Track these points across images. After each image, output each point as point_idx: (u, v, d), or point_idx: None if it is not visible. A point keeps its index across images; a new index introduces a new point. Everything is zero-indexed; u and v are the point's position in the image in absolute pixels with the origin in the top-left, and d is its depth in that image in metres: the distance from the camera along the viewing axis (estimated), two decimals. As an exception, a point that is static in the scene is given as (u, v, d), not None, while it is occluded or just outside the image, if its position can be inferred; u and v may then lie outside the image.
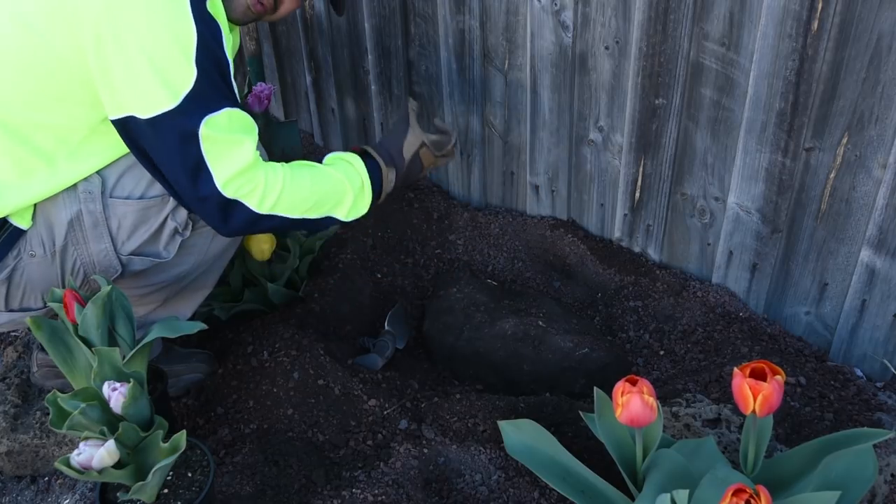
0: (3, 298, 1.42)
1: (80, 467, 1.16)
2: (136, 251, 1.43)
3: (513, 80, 2.00)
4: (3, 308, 1.43)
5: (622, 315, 1.91)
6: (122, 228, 1.40)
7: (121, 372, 1.26)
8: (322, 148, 2.58)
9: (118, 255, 1.41)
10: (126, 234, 1.41)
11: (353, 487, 1.43)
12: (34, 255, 1.38)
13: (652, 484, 1.23)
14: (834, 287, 1.68)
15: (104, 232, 1.39)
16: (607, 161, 1.95)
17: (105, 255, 1.41)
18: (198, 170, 1.30)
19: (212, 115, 1.28)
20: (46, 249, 1.38)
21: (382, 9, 2.13)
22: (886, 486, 1.36)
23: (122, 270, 1.44)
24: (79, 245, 1.39)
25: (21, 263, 1.38)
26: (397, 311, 1.93)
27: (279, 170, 1.39)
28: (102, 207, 1.38)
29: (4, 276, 1.38)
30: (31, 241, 1.37)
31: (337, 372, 1.66)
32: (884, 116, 1.45)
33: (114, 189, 1.38)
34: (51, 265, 1.39)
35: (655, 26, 1.67)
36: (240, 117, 1.34)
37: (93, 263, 1.41)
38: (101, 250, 1.40)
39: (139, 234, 1.41)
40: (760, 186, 1.69)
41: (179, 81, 1.26)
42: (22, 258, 1.38)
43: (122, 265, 1.43)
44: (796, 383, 1.62)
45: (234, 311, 1.81)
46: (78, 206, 1.37)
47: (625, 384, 1.20)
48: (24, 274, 1.39)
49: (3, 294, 1.41)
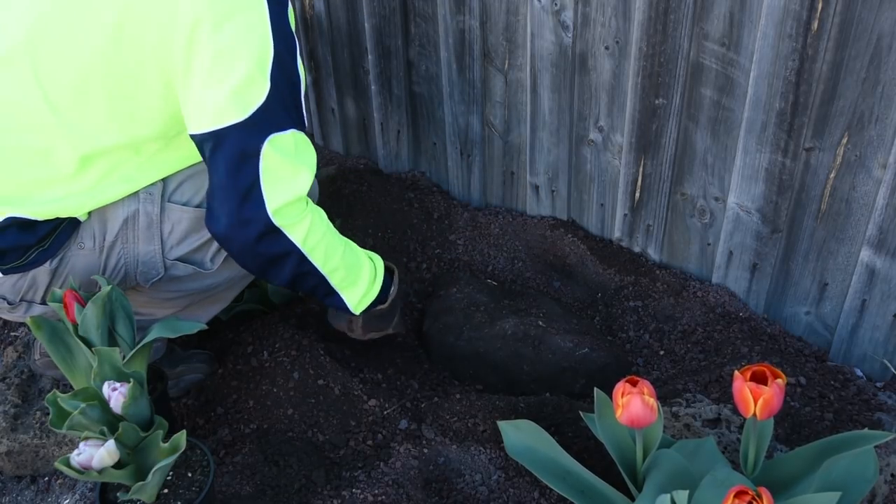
0: (45, 288, 1.41)
1: (80, 467, 1.16)
2: (182, 257, 1.43)
3: (513, 80, 2.00)
4: (39, 300, 1.43)
5: (622, 315, 1.91)
6: (173, 233, 1.40)
7: (121, 372, 1.26)
8: (322, 148, 2.58)
9: (164, 258, 1.42)
10: (176, 240, 1.41)
11: (353, 487, 1.44)
12: (83, 247, 1.38)
13: (652, 484, 1.24)
14: (834, 287, 1.68)
15: (156, 234, 1.40)
16: (607, 161, 1.95)
17: (151, 257, 1.41)
18: (250, 190, 1.25)
19: (278, 135, 1.25)
20: (96, 243, 1.39)
21: (382, 9, 2.13)
22: (887, 486, 1.36)
23: (162, 274, 1.44)
24: (128, 243, 1.40)
25: (69, 254, 1.39)
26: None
27: (322, 213, 1.38)
28: (160, 210, 1.38)
29: (53, 265, 1.38)
30: (83, 233, 1.38)
31: (337, 372, 1.67)
32: (884, 116, 1.45)
33: (173, 194, 1.39)
34: (96, 259, 1.40)
35: (655, 26, 1.67)
36: (305, 143, 1.32)
37: (137, 263, 1.42)
38: (148, 251, 1.41)
39: (189, 241, 1.42)
40: (760, 186, 1.69)
41: (251, 95, 1.23)
42: (71, 248, 1.38)
43: (164, 269, 1.43)
44: (796, 383, 1.62)
45: (234, 311, 1.81)
46: (136, 205, 1.38)
47: (625, 385, 1.20)
48: (70, 264, 1.40)
49: (46, 283, 1.41)
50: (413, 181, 2.34)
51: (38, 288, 1.41)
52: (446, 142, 2.21)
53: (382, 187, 2.25)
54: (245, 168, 1.24)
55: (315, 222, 1.35)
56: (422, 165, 2.37)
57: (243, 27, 1.23)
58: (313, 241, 1.35)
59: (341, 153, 2.53)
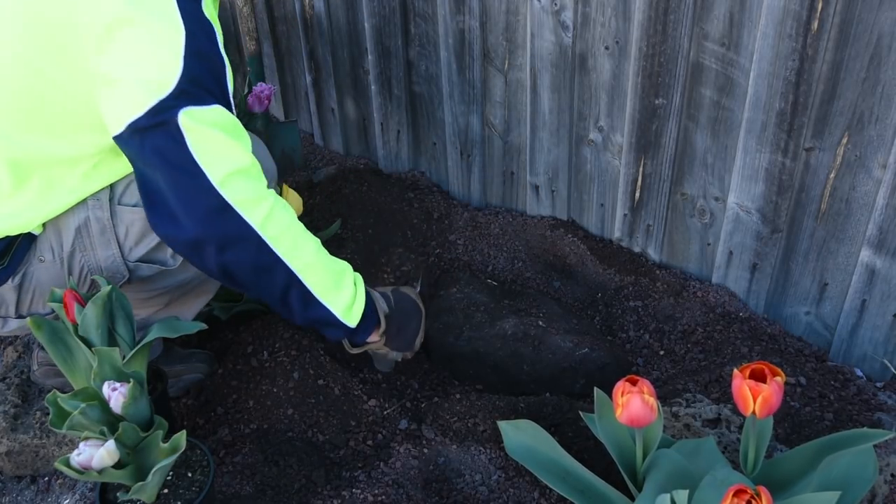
0: (14, 304, 1.42)
1: (80, 467, 1.16)
2: (143, 258, 1.42)
3: (513, 80, 2.00)
4: (13, 314, 1.44)
5: (622, 315, 1.91)
6: (129, 235, 1.40)
7: (121, 372, 1.26)
8: (322, 148, 2.58)
9: (125, 261, 1.41)
10: (133, 241, 1.40)
11: (353, 487, 1.44)
12: (43, 260, 1.39)
13: (652, 484, 1.24)
14: (834, 287, 1.68)
15: (111, 238, 1.39)
16: (607, 161, 1.95)
17: (112, 262, 1.41)
18: (186, 166, 1.18)
19: (196, 108, 1.19)
20: (55, 255, 1.39)
21: (382, 9, 2.13)
22: (886, 485, 1.36)
23: (128, 277, 1.43)
24: (86, 251, 1.39)
25: (31, 268, 1.39)
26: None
27: (290, 209, 1.29)
28: (110, 215, 1.38)
29: (17, 281, 1.39)
30: (41, 246, 1.38)
31: (337, 372, 1.67)
32: (884, 116, 1.45)
33: (122, 196, 1.38)
34: (59, 270, 1.40)
35: (655, 26, 1.67)
36: (233, 121, 1.25)
37: (100, 269, 1.41)
38: (108, 256, 1.40)
39: (147, 241, 1.41)
40: (760, 186, 1.69)
41: (164, 77, 1.18)
42: (32, 263, 1.39)
43: (128, 271, 1.43)
44: (796, 383, 1.62)
45: (234, 311, 1.81)
46: (86, 213, 1.37)
47: (625, 384, 1.20)
48: (34, 279, 1.40)
49: (14, 300, 1.41)
50: (413, 181, 2.34)
51: (7, 304, 1.42)
52: (446, 142, 2.21)
53: (382, 187, 2.25)
54: (172, 147, 1.18)
55: (276, 209, 1.25)
56: (422, 165, 2.37)
57: (153, 20, 1.20)
58: (275, 230, 1.24)
59: (341, 153, 2.53)
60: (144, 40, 1.20)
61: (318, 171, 2.40)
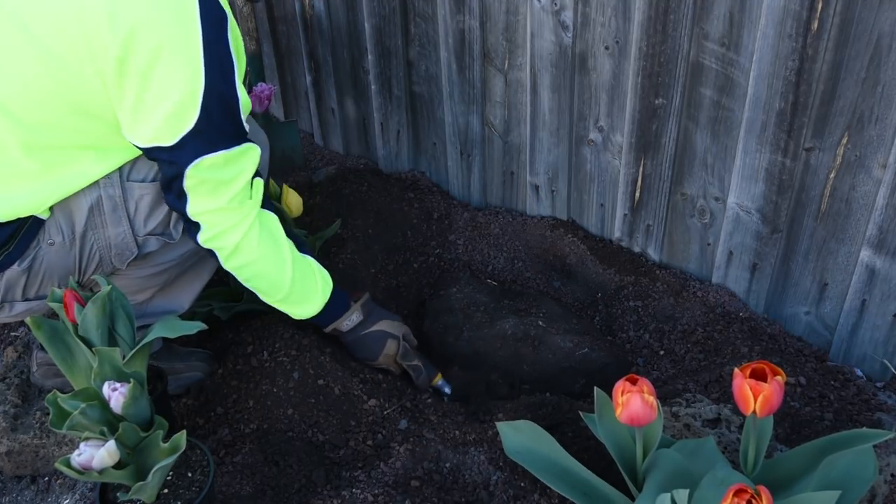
0: (22, 287, 1.44)
1: (80, 467, 1.16)
2: (152, 231, 1.46)
3: (513, 80, 2.00)
4: (20, 297, 1.46)
5: (622, 315, 1.91)
6: (139, 210, 1.43)
7: (121, 372, 1.26)
8: (322, 148, 2.58)
9: (135, 236, 1.45)
10: (144, 215, 1.44)
11: (353, 487, 1.44)
12: (53, 243, 1.41)
13: (652, 484, 1.24)
14: (834, 287, 1.68)
15: (122, 215, 1.42)
16: (607, 161, 1.95)
17: (123, 238, 1.44)
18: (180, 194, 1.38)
19: (205, 157, 1.33)
20: (66, 237, 1.41)
21: (382, 9, 2.13)
22: (886, 485, 1.36)
23: (137, 253, 1.46)
24: (97, 229, 1.42)
25: (40, 252, 1.41)
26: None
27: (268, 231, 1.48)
28: (121, 191, 1.41)
29: (25, 265, 1.41)
30: (50, 229, 1.40)
31: (337, 372, 1.67)
32: (884, 116, 1.45)
33: (130, 173, 1.42)
34: (69, 252, 1.42)
35: (655, 26, 1.67)
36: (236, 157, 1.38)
37: (109, 247, 1.44)
38: (119, 233, 1.43)
39: (156, 214, 1.45)
40: (760, 186, 1.69)
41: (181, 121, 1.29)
42: (41, 247, 1.41)
43: (137, 247, 1.46)
44: (796, 383, 1.62)
45: (234, 311, 1.81)
46: (98, 192, 1.40)
47: (625, 383, 1.20)
48: (43, 262, 1.42)
49: (22, 283, 1.43)
50: (413, 181, 2.34)
51: (15, 288, 1.44)
52: (446, 142, 2.21)
53: (382, 187, 2.25)
54: (174, 184, 1.37)
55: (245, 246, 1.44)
56: (422, 165, 2.37)
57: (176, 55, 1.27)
58: (238, 262, 1.46)
59: (341, 153, 2.53)
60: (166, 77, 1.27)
61: (318, 171, 2.40)
